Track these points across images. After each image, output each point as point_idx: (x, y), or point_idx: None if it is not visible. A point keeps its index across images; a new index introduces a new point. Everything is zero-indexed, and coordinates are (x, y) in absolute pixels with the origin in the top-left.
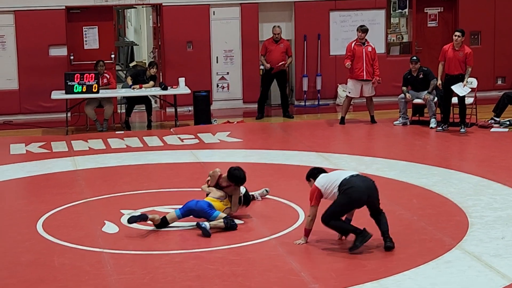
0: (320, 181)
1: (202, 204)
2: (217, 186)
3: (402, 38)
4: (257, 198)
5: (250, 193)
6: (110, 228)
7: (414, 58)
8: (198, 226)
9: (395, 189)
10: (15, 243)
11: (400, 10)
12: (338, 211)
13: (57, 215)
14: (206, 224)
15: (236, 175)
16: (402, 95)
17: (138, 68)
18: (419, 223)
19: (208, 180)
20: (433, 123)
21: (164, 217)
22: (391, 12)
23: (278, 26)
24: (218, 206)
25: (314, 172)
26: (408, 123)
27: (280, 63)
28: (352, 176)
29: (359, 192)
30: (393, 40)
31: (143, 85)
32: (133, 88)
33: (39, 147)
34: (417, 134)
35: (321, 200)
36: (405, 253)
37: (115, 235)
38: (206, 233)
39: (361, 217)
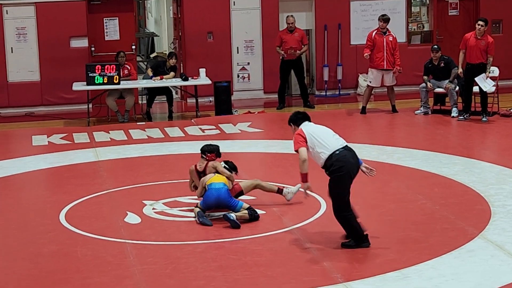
0: (307, 129)
1: (225, 197)
2: (200, 174)
3: (423, 27)
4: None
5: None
6: (132, 218)
7: (435, 47)
8: (226, 218)
9: (417, 178)
10: (38, 234)
11: None
12: (341, 195)
13: (79, 206)
14: (233, 216)
15: (205, 147)
16: (423, 84)
17: (158, 59)
18: (441, 213)
19: (192, 183)
20: (454, 112)
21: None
22: (412, 1)
23: (292, 16)
24: (227, 182)
25: (299, 117)
26: (430, 112)
27: (290, 50)
28: (344, 149)
29: (352, 168)
30: (414, 29)
31: (164, 76)
32: (154, 79)
33: (61, 138)
34: (438, 123)
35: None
36: (427, 242)
37: (137, 225)
38: (235, 225)
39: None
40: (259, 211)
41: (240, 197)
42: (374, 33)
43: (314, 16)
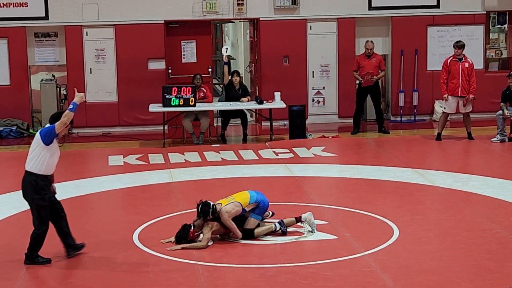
0: None
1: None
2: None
3: (501, 54)
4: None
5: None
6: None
7: None
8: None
9: (492, 207)
10: (111, 253)
11: (499, 26)
12: None
13: (152, 227)
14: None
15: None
16: (500, 111)
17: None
18: None
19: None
20: None
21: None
22: (490, 27)
23: (371, 41)
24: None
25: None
26: (506, 140)
27: (366, 75)
28: None
29: None
30: (492, 55)
31: (248, 98)
32: (242, 101)
33: (137, 159)
34: None
35: None
36: (501, 272)
37: (209, 248)
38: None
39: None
40: (330, 236)
41: (317, 223)
42: (449, 60)
43: (391, 41)
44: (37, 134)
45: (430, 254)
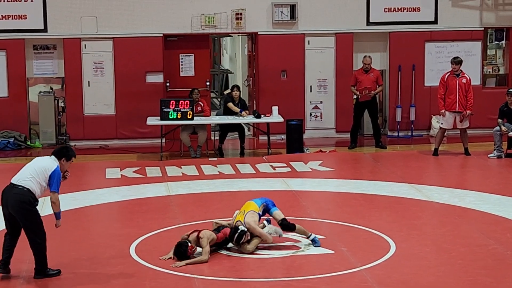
0: None
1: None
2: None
3: (499, 70)
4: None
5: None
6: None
7: (511, 90)
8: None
9: (488, 222)
10: (108, 266)
11: (496, 42)
12: None
13: (149, 240)
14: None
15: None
16: (498, 127)
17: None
18: None
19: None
20: None
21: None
22: (488, 43)
23: (369, 56)
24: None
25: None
26: (503, 156)
27: (364, 90)
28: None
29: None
30: (489, 72)
31: (246, 112)
32: (243, 114)
33: (134, 172)
34: None
35: None
36: None
37: None
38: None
39: None
40: (327, 251)
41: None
42: (447, 75)
43: (389, 57)
44: (46, 167)
45: (426, 269)
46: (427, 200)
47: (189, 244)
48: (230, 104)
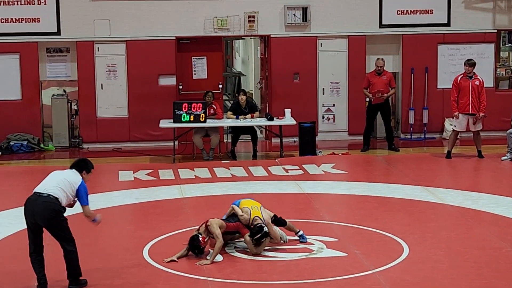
0: None
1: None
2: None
3: None
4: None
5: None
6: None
7: None
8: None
9: (502, 225)
10: (122, 268)
11: (509, 44)
12: None
13: (162, 242)
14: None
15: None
16: (511, 130)
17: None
18: None
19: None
20: None
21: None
22: (501, 46)
23: (382, 59)
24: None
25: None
26: None
27: (377, 93)
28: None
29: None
30: (502, 74)
31: (246, 116)
32: (240, 118)
33: (147, 174)
34: None
35: None
36: None
37: (219, 263)
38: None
39: None
40: (340, 253)
41: (326, 240)
42: (460, 78)
43: (401, 59)
44: (72, 181)
45: (440, 272)
46: (440, 202)
47: (200, 235)
48: (229, 114)
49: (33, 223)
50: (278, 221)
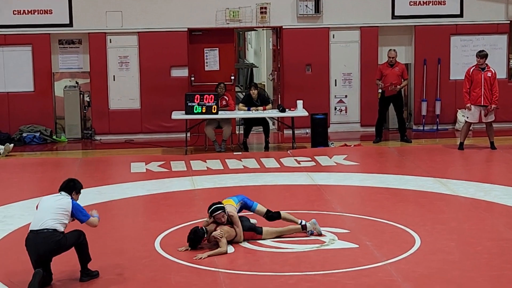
0: None
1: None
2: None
3: None
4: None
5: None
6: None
7: None
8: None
9: None
10: (134, 259)
11: None
12: None
13: (174, 234)
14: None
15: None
16: None
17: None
18: None
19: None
20: None
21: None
22: None
23: (394, 50)
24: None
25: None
26: None
27: (390, 85)
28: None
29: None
30: None
31: (258, 108)
32: (252, 110)
33: (159, 166)
34: None
35: None
36: None
37: (231, 255)
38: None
39: None
40: (351, 245)
41: (338, 231)
42: (472, 69)
43: (414, 50)
44: (63, 206)
45: (451, 263)
46: (452, 194)
47: (205, 235)
48: (240, 106)
49: (37, 260)
50: (271, 216)
